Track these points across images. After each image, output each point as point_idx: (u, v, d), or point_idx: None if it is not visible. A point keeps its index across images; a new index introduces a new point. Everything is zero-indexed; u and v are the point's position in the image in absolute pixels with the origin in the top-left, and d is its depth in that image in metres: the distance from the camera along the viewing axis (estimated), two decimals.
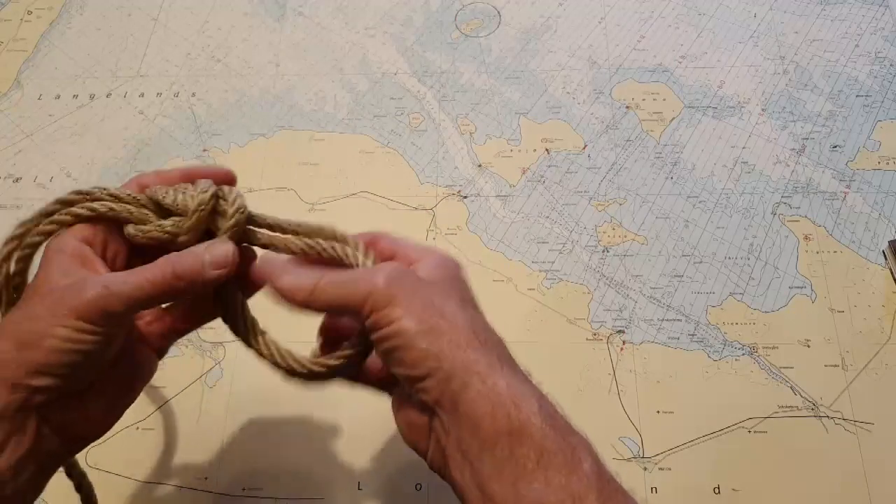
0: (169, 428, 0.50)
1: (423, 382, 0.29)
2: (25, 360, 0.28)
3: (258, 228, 0.34)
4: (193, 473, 0.49)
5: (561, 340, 0.52)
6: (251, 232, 0.33)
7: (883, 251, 0.54)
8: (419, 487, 0.47)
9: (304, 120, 0.64)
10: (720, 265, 0.54)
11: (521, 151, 0.61)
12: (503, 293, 0.54)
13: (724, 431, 0.48)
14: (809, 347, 0.51)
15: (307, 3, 0.72)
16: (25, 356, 0.28)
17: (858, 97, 0.62)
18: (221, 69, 0.68)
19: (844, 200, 0.57)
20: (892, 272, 0.53)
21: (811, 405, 0.48)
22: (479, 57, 0.67)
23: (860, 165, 0.58)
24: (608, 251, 0.56)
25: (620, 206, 0.58)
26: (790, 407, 0.48)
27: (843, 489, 0.46)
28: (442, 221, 0.58)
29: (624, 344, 0.52)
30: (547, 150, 0.61)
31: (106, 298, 0.29)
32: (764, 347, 0.51)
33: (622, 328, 0.52)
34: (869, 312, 0.52)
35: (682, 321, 0.52)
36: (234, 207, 0.32)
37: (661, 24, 0.68)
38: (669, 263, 0.55)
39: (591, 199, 0.58)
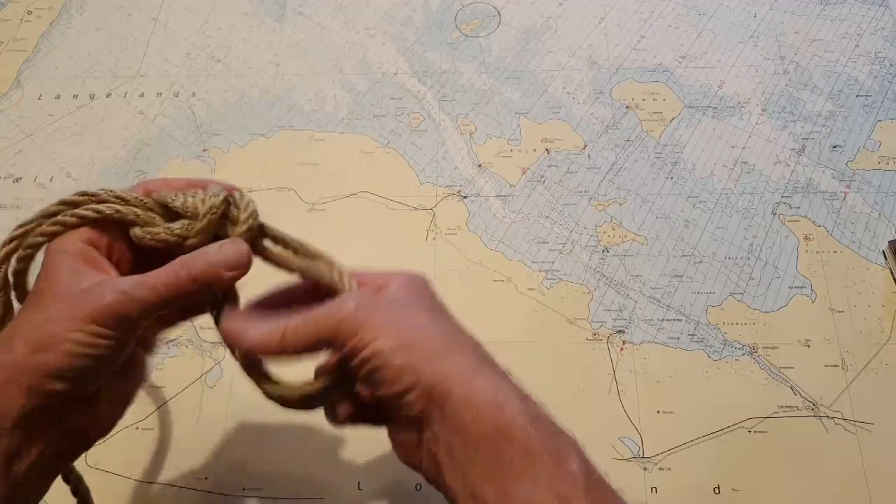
0: (169, 428, 0.50)
1: (406, 397, 0.29)
2: (41, 363, 0.28)
3: (265, 239, 0.34)
4: (193, 473, 0.48)
5: (561, 340, 0.52)
6: (257, 242, 0.33)
7: (883, 251, 0.54)
8: (419, 487, 0.47)
9: (304, 120, 0.64)
10: (720, 265, 0.54)
11: (521, 151, 0.61)
12: (503, 293, 0.54)
13: (724, 431, 0.48)
14: (809, 347, 0.51)
15: (307, 3, 0.72)
16: (41, 360, 0.28)
17: (858, 97, 0.62)
18: (221, 69, 0.68)
19: (844, 200, 0.57)
20: (892, 272, 0.53)
21: (811, 405, 0.48)
22: (479, 57, 0.67)
23: (860, 165, 0.58)
24: (608, 251, 0.56)
25: (620, 206, 0.58)
26: (790, 407, 0.48)
27: (843, 489, 0.46)
28: (442, 221, 0.58)
29: (624, 344, 0.52)
30: (547, 150, 0.61)
31: (123, 304, 0.29)
32: (764, 347, 0.51)
33: (622, 328, 0.52)
34: (869, 312, 0.52)
35: (682, 321, 0.52)
36: (246, 213, 0.32)
37: (661, 24, 0.68)
38: (669, 263, 0.55)
39: (591, 199, 0.58)
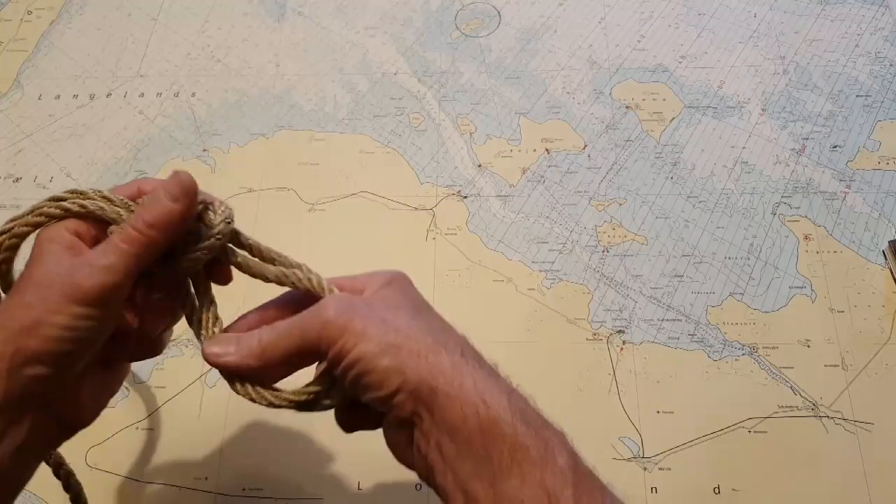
0: (169, 428, 0.50)
1: (394, 399, 0.29)
2: (20, 349, 0.28)
3: (239, 248, 0.34)
4: (193, 473, 0.48)
5: (561, 340, 0.52)
6: (230, 249, 0.33)
7: (883, 251, 0.54)
8: (419, 487, 0.47)
9: (304, 120, 0.64)
10: (720, 265, 0.54)
11: (521, 151, 0.61)
12: (503, 293, 0.54)
13: (724, 431, 0.48)
14: (809, 347, 0.51)
15: (307, 3, 0.72)
16: (20, 345, 0.28)
17: (858, 97, 0.62)
18: (221, 69, 0.68)
19: (844, 200, 0.57)
20: (892, 272, 0.53)
21: (811, 405, 0.48)
22: (479, 57, 0.67)
23: (860, 165, 0.58)
24: (608, 251, 0.56)
25: (620, 206, 0.58)
26: (790, 407, 0.48)
27: (843, 489, 0.46)
28: (442, 221, 0.58)
29: (624, 344, 0.52)
30: (547, 150, 0.61)
31: (94, 276, 0.29)
32: (764, 347, 0.51)
33: (622, 328, 0.52)
34: (869, 312, 0.52)
35: (682, 321, 0.52)
36: (220, 217, 0.32)
37: (661, 24, 0.68)
38: (669, 263, 0.55)
39: (591, 199, 0.58)
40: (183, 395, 0.51)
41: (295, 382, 0.33)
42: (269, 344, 0.31)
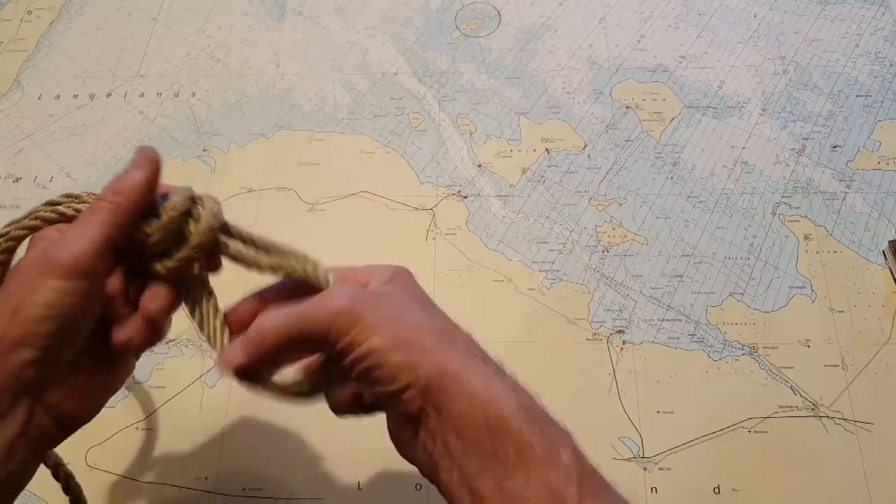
0: (169, 428, 0.50)
1: (404, 395, 0.29)
2: (4, 335, 0.28)
3: (230, 240, 0.34)
4: (193, 473, 0.48)
5: (561, 340, 0.52)
6: (222, 242, 0.33)
7: (883, 251, 0.54)
8: (419, 487, 0.47)
9: (304, 120, 0.64)
10: (720, 265, 0.54)
11: (521, 151, 0.61)
12: (503, 293, 0.54)
13: (724, 431, 0.48)
14: (809, 347, 0.51)
15: (307, 3, 0.72)
16: (3, 333, 0.28)
17: (858, 97, 0.62)
18: (221, 69, 0.68)
19: (844, 200, 0.57)
20: (892, 272, 0.53)
21: (811, 405, 0.48)
22: (479, 57, 0.67)
23: (860, 165, 0.58)
24: (608, 251, 0.56)
25: (620, 206, 0.58)
26: (790, 407, 0.48)
27: (843, 489, 0.46)
28: (442, 221, 0.58)
29: (624, 344, 0.52)
30: (547, 150, 0.61)
31: (66, 248, 0.29)
32: (764, 347, 0.51)
33: (622, 328, 0.52)
34: (869, 312, 0.52)
35: (682, 321, 0.52)
36: (208, 211, 0.32)
37: (661, 24, 0.68)
38: (669, 263, 0.55)
39: (591, 199, 0.58)
40: (183, 395, 0.51)
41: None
42: (271, 329, 0.30)
